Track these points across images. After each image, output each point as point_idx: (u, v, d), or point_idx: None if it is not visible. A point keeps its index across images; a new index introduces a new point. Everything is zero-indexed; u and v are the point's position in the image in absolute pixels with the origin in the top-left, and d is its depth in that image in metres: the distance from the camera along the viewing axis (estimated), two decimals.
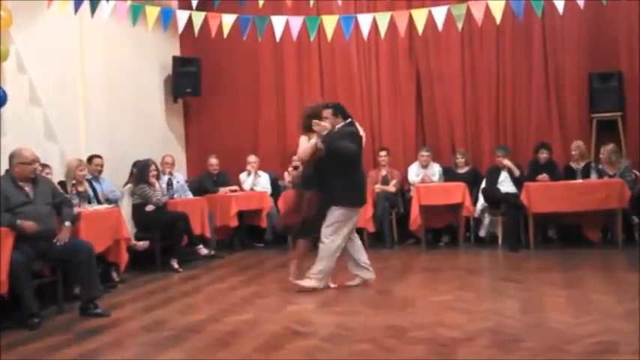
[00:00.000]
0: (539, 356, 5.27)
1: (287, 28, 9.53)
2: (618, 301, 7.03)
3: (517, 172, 11.47)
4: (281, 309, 7.41)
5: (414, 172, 12.39)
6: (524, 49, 12.69)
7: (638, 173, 11.18)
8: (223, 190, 12.44)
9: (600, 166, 11.21)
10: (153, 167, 10.56)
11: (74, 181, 9.36)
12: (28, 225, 7.22)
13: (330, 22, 9.46)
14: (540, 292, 7.72)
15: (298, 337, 6.13)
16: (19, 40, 9.56)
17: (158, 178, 10.74)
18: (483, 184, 11.77)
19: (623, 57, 12.09)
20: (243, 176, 12.95)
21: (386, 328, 6.38)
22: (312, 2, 10.25)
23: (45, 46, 10.11)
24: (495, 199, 11.51)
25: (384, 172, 12.47)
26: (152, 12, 9.20)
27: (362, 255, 8.50)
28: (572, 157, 11.50)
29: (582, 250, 10.70)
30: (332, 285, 8.34)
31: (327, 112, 8.26)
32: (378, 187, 12.21)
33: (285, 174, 12.75)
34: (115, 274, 9.37)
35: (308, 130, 8.26)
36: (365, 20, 9.43)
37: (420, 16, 9.12)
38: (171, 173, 11.80)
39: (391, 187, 12.26)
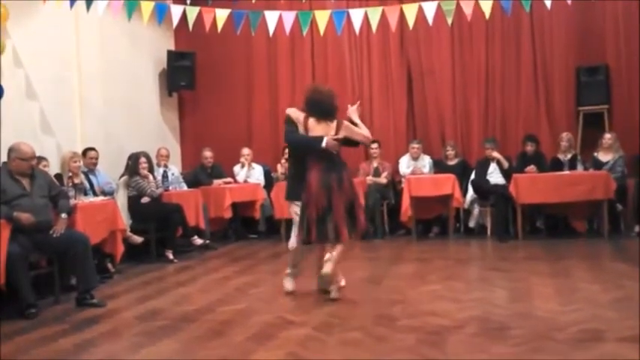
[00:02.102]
0: (527, 343, 5.36)
1: (280, 23, 9.58)
2: (604, 290, 7.13)
3: (506, 164, 11.58)
4: (274, 299, 7.50)
5: (405, 164, 12.51)
6: (513, 44, 12.81)
7: (625, 170, 11.30)
8: (217, 182, 12.55)
9: (595, 154, 11.41)
10: (143, 159, 10.62)
11: (70, 174, 9.43)
12: (25, 217, 7.30)
13: (322, 17, 9.52)
14: (528, 281, 7.83)
15: (291, 326, 6.19)
16: (15, 34, 9.65)
17: (151, 170, 10.84)
18: (473, 176, 11.91)
19: (610, 51, 12.21)
20: (237, 168, 13.04)
21: (377, 316, 6.47)
22: None
23: (41, 41, 10.18)
24: (484, 191, 11.63)
25: (375, 164, 12.60)
26: (147, 7, 9.22)
27: None
28: (561, 148, 11.63)
29: (569, 240, 10.83)
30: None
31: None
32: (370, 178, 12.32)
33: (278, 166, 12.85)
34: (110, 265, 9.45)
35: (326, 115, 7.30)
36: (357, 15, 9.48)
37: (410, 11, 9.17)
38: (166, 165, 11.90)
39: (382, 179, 12.38)
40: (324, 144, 7.12)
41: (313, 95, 7.41)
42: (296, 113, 7.51)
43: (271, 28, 9.61)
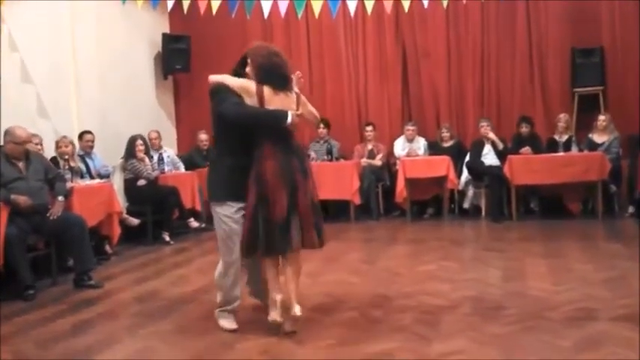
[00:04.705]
0: (521, 322, 5.43)
1: (275, 6, 9.61)
2: (597, 270, 7.20)
3: (500, 146, 11.60)
4: None
5: (400, 146, 12.53)
6: (508, 26, 12.77)
7: (620, 151, 11.35)
8: None
9: (590, 135, 11.45)
10: (139, 142, 10.68)
11: (66, 157, 9.48)
12: (23, 199, 7.37)
13: (317, 0, 9.55)
14: (522, 261, 7.90)
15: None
16: (10, 18, 9.63)
17: (147, 153, 10.88)
18: (467, 158, 11.93)
19: (605, 33, 12.19)
20: None
21: (372, 297, 6.53)
22: None
23: (36, 25, 10.16)
24: (479, 172, 11.66)
25: (370, 146, 12.63)
26: None
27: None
28: (558, 128, 11.67)
29: (563, 220, 10.86)
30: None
31: None
32: (365, 160, 12.37)
33: None
34: (107, 247, 9.54)
35: (285, 84, 5.57)
36: None
37: None
38: (160, 147, 11.94)
39: (377, 161, 12.40)
40: (289, 119, 5.36)
41: (269, 58, 5.54)
42: (237, 80, 5.58)
43: (266, 11, 9.63)
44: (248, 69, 5.59)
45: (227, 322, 5.73)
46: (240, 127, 5.46)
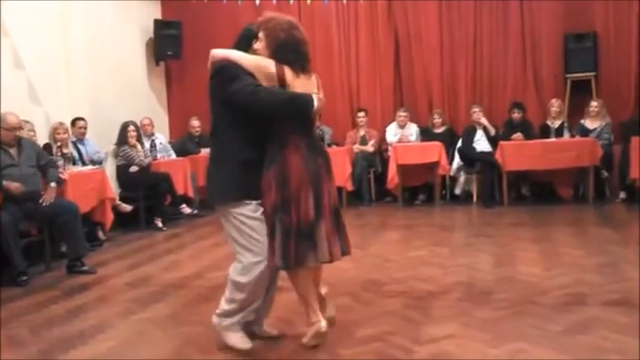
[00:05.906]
0: (511, 307, 5.45)
1: None
2: (587, 255, 7.23)
3: (492, 131, 11.63)
4: None
5: (392, 132, 12.53)
6: (501, 11, 12.75)
7: (612, 137, 11.38)
8: (205, 151, 12.55)
9: (582, 121, 11.48)
10: (131, 128, 10.74)
11: (59, 144, 9.48)
12: (15, 186, 7.40)
13: None
14: (513, 246, 7.93)
15: (279, 291, 6.12)
16: (1, 4, 9.58)
17: (140, 139, 10.89)
18: (459, 144, 11.96)
19: (598, 18, 12.16)
20: None
21: (364, 282, 6.57)
22: None
23: (27, 10, 10.11)
24: (471, 158, 11.69)
25: (362, 133, 12.65)
26: None
27: None
28: (551, 114, 11.69)
29: (554, 206, 10.91)
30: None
31: None
32: (357, 147, 12.39)
33: None
34: (100, 233, 9.58)
35: (307, 65, 4.80)
36: None
37: None
38: (152, 134, 11.94)
39: (369, 147, 12.41)
40: (316, 105, 4.47)
41: (290, 32, 4.64)
42: (251, 58, 4.66)
43: None
44: (258, 45, 4.66)
45: (238, 339, 4.82)
46: (255, 113, 4.49)
